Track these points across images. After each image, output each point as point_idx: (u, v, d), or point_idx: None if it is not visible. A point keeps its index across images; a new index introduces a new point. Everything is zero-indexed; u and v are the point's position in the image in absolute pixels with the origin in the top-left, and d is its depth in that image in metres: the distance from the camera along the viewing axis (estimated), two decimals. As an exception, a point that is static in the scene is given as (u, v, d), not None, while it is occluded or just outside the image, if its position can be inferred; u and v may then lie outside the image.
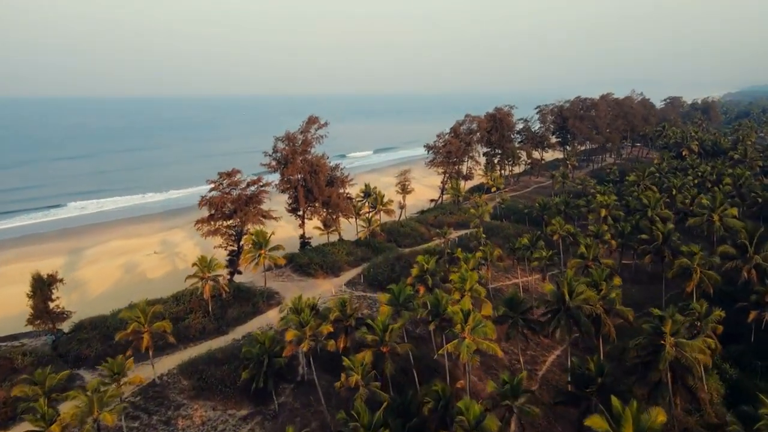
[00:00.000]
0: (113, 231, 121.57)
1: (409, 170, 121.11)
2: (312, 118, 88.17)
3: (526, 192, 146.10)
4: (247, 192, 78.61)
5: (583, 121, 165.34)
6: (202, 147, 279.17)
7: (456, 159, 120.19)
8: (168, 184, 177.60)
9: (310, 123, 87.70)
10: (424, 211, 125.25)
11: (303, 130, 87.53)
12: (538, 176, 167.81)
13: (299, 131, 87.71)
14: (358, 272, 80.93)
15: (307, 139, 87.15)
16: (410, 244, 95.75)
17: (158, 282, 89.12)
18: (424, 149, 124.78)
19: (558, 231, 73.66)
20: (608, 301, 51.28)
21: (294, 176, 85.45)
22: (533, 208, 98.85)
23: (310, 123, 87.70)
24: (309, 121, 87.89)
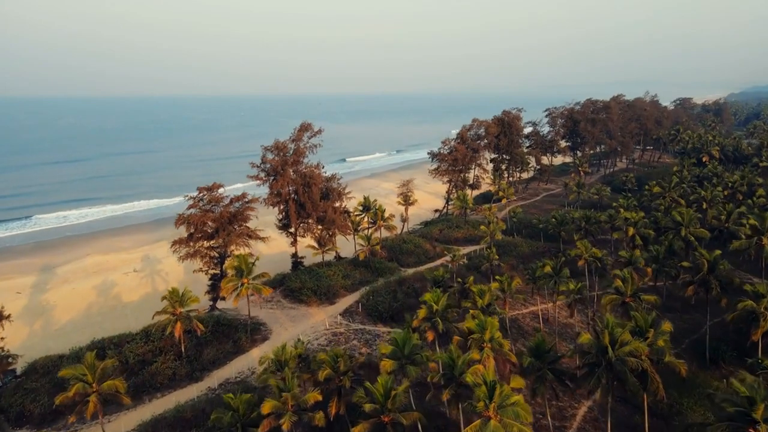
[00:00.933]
0: (92, 244, 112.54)
1: (412, 180, 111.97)
2: (305, 125, 79.22)
3: (536, 201, 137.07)
4: (231, 209, 69.73)
5: (595, 124, 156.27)
6: (197, 151, 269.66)
7: (462, 167, 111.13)
8: (159, 192, 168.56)
9: (303, 130, 78.74)
10: (428, 223, 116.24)
11: (295, 138, 78.56)
12: (547, 183, 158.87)
13: (290, 139, 78.75)
14: (355, 299, 71.98)
15: (299, 149, 78.18)
16: (414, 263, 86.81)
17: (134, 307, 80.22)
18: (428, 156, 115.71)
19: (584, 256, 64.58)
20: (656, 350, 42.31)
21: (284, 190, 76.47)
22: (549, 223, 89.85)
23: (303, 130, 78.74)
24: (301, 128, 78.93)
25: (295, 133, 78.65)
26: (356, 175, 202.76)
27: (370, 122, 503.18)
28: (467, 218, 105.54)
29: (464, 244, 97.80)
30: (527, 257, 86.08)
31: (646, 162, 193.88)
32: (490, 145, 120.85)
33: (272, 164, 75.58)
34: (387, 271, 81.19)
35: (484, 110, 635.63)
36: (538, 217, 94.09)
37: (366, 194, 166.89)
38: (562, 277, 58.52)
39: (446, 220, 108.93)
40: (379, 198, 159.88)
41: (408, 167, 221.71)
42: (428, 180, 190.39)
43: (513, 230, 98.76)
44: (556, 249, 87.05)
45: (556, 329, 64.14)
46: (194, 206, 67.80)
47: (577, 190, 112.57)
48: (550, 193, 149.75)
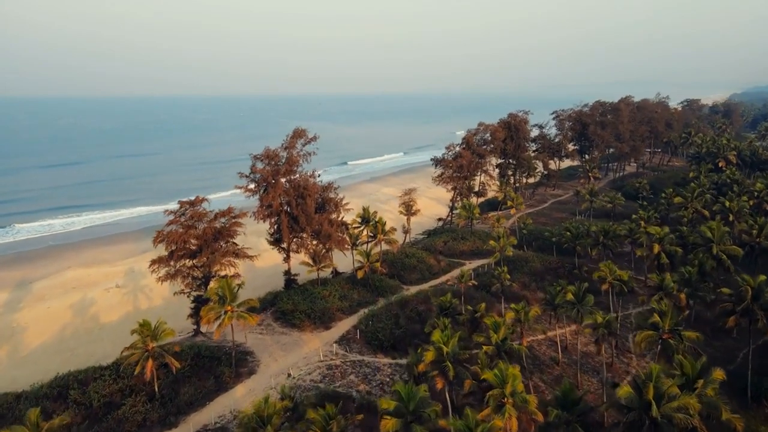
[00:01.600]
0: (74, 256, 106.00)
1: (414, 189, 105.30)
2: (298, 131, 72.60)
3: (544, 208, 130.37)
4: (216, 224, 63.16)
5: (605, 127, 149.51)
6: (194, 153, 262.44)
7: (468, 173, 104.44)
8: (151, 197, 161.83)
9: (296, 137, 72.12)
10: (431, 233, 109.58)
11: (287, 145, 71.92)
12: (555, 188, 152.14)
13: (282, 147, 72.10)
14: (353, 323, 65.37)
15: (292, 157, 71.54)
16: (417, 280, 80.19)
17: (112, 329, 73.65)
18: (431, 162, 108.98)
19: (608, 279, 57.89)
20: (708, 404, 35.73)
21: (276, 202, 69.82)
22: (562, 236, 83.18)
23: (296, 137, 72.12)
24: (294, 135, 72.30)
25: (288, 140, 72.04)
26: (355, 179, 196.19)
27: (371, 123, 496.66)
28: (473, 229, 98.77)
29: (471, 258, 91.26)
30: (539, 274, 79.45)
31: (655, 165, 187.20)
32: (496, 150, 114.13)
33: (262, 174, 68.95)
34: (388, 289, 74.63)
35: (484, 110, 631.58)
36: (551, 229, 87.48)
37: (366, 200, 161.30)
38: (586, 306, 51.86)
39: (451, 231, 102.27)
40: (379, 204, 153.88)
41: (409, 171, 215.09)
42: (430, 185, 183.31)
43: (523, 242, 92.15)
44: (571, 265, 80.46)
45: (577, 360, 57.53)
46: (175, 222, 61.21)
47: (590, 198, 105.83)
48: (558, 199, 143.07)
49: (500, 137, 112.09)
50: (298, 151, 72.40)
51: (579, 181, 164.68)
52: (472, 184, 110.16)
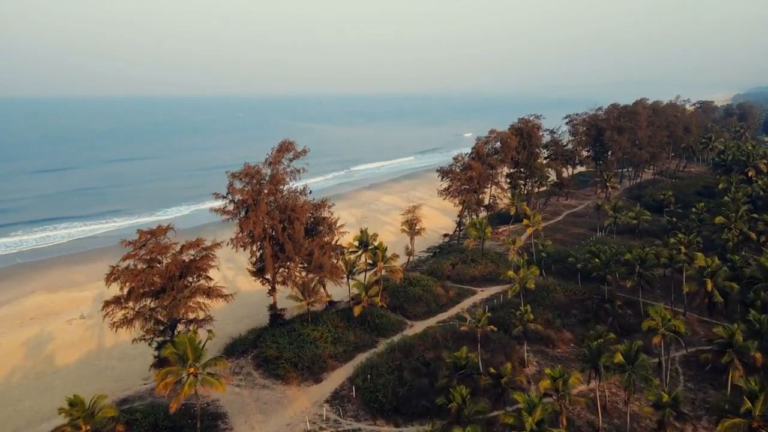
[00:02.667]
0: (41, 278, 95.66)
1: (419, 206, 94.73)
2: (284, 144, 62.23)
3: (559, 222, 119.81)
4: (184, 257, 52.83)
5: (622, 133, 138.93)
6: (188, 158, 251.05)
7: (478, 186, 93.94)
8: (136, 208, 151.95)
9: (282, 150, 61.78)
10: (436, 252, 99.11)
11: (272, 160, 61.57)
12: (567, 198, 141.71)
13: (266, 162, 61.74)
14: (348, 373, 55.00)
15: (277, 175, 61.18)
16: (423, 313, 69.72)
17: (67, 374, 63.36)
18: (437, 170, 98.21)
19: (660, 330, 47.26)
20: None
21: (258, 228, 59.44)
22: (589, 261, 72.76)
23: (282, 150, 61.78)
24: (280, 148, 61.94)
25: (272, 154, 61.62)
26: (355, 185, 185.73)
27: (371, 124, 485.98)
28: (484, 248, 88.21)
29: (483, 284, 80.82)
30: (564, 307, 68.94)
31: (671, 171, 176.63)
32: (507, 159, 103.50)
33: (242, 196, 58.56)
34: (389, 327, 64.30)
35: (485, 111, 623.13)
36: (575, 254, 76.80)
37: (365, 210, 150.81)
38: (639, 370, 41.33)
39: (459, 251, 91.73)
40: (379, 216, 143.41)
41: (411, 176, 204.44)
42: (434, 192, 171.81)
43: (541, 266, 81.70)
44: (599, 296, 70.00)
45: (624, 427, 46.97)
46: (132, 256, 50.80)
47: (614, 215, 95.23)
48: (572, 211, 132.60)
49: (513, 146, 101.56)
50: (285, 168, 62.01)
51: (593, 189, 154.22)
52: (482, 197, 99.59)
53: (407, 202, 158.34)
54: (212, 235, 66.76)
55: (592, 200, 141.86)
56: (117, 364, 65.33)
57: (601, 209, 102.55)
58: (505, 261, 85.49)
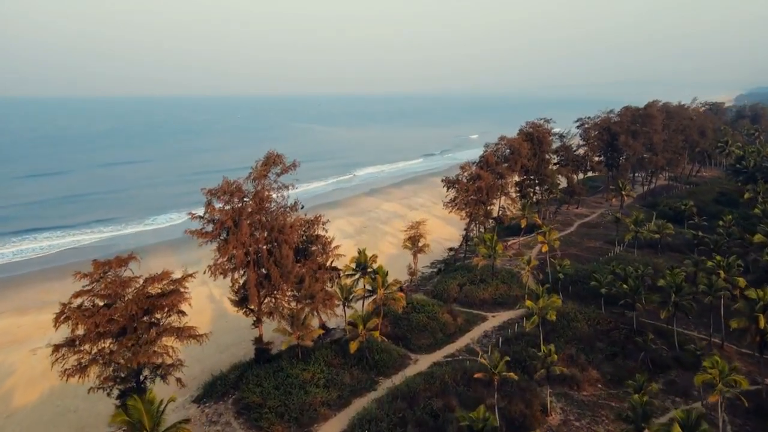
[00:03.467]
0: (14, 296, 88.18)
1: (423, 222, 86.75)
2: (271, 156, 54.45)
3: (571, 234, 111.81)
4: (150, 289, 45.08)
5: (637, 137, 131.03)
6: (182, 162, 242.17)
7: (487, 198, 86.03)
8: (122, 216, 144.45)
9: (268, 164, 54.02)
10: (441, 269, 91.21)
11: (255, 175, 53.75)
12: (578, 206, 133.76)
13: (249, 178, 53.91)
14: (342, 425, 47.22)
15: (262, 192, 53.39)
16: (428, 346, 61.93)
17: (25, 417, 55.89)
18: (443, 185, 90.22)
19: (717, 386, 39.27)
20: None
21: (239, 253, 51.69)
22: (613, 285, 65.01)
23: (268, 164, 54.02)
24: (266, 162, 54.17)
25: (257, 168, 53.78)
26: (354, 191, 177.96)
27: (371, 125, 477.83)
28: (496, 270, 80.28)
29: (493, 309, 72.98)
30: (588, 339, 61.12)
31: (684, 176, 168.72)
32: (518, 167, 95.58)
33: (220, 218, 50.78)
34: (390, 364, 56.56)
35: (487, 111, 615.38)
36: (598, 277, 68.70)
37: (364, 218, 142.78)
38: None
39: (466, 269, 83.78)
40: (380, 225, 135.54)
41: (412, 181, 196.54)
42: (437, 199, 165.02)
43: (558, 287, 73.88)
44: (628, 327, 62.24)
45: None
46: (86, 293, 43.09)
47: (636, 228, 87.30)
48: (584, 221, 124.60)
49: (525, 154, 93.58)
50: (270, 184, 54.22)
51: (604, 196, 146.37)
52: (490, 208, 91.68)
53: (409, 210, 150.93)
54: (201, 250, 58.96)
55: (605, 209, 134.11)
56: (81, 404, 57.63)
57: (620, 222, 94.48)
58: (518, 281, 77.80)
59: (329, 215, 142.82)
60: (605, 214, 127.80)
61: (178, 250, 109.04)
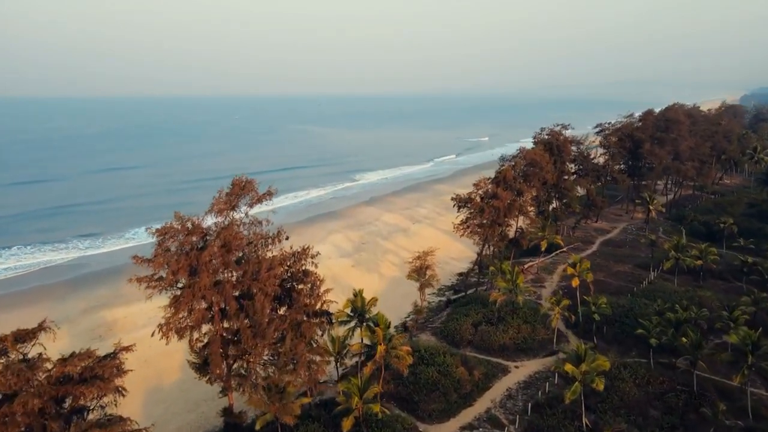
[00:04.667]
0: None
1: (433, 251, 74.91)
2: (239, 184, 42.54)
3: (595, 255, 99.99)
4: (69, 369, 33.31)
5: (664, 144, 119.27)
6: (177, 167, 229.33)
7: (504, 220, 74.14)
8: (109, 229, 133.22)
9: (236, 193, 42.15)
10: (450, 300, 79.38)
11: (219, 207, 41.86)
12: (597, 221, 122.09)
13: (213, 210, 42.05)
14: None
15: (229, 230, 41.57)
16: (439, 412, 50.29)
17: None
18: (453, 203, 77.92)
19: None
20: None
21: (198, 308, 39.96)
22: (664, 332, 53.32)
23: (236, 193, 42.15)
24: (232, 191, 42.29)
25: (221, 197, 41.91)
26: (352, 200, 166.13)
27: (372, 127, 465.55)
28: (517, 305, 68.45)
29: (515, 356, 61.25)
30: (639, 405, 49.39)
31: (707, 185, 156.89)
32: (538, 183, 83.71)
33: (170, 267, 38.99)
34: (393, 443, 44.82)
35: (490, 111, 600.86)
36: (645, 324, 56.64)
37: (362, 232, 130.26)
38: None
39: (481, 302, 71.86)
40: (380, 241, 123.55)
41: (415, 188, 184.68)
42: (441, 209, 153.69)
43: (591, 330, 62.18)
44: (685, 387, 50.50)
45: None
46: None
47: (677, 255, 75.48)
48: (606, 237, 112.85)
49: (548, 168, 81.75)
50: (242, 218, 42.46)
51: (623, 207, 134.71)
52: (506, 230, 79.81)
53: (411, 222, 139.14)
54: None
55: (627, 223, 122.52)
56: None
57: (656, 247, 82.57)
58: (542, 320, 66.11)
59: (326, 228, 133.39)
60: (630, 231, 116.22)
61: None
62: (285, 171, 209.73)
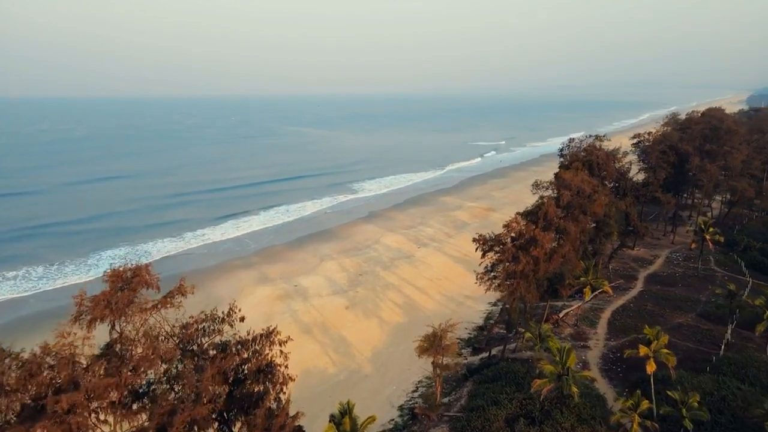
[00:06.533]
0: None
1: (451, 327, 56.02)
2: (117, 275, 24.13)
3: (640, 296, 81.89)
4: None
5: (714, 159, 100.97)
6: (162, 178, 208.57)
7: (543, 271, 55.73)
8: (70, 251, 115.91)
9: (111, 296, 23.74)
10: (468, 371, 61.09)
11: (93, 316, 23.48)
12: (636, 247, 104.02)
13: (76, 320, 23.64)
14: None
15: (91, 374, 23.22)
16: None
17: None
18: (476, 247, 58.90)
19: None
20: None
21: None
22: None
23: (111, 296, 23.74)
24: (110, 289, 23.93)
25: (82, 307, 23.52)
26: (349, 215, 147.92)
27: (370, 129, 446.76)
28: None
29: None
30: None
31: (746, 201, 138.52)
32: (582, 216, 65.18)
33: None
34: None
35: (490, 112, 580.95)
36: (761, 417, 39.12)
37: (360, 259, 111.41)
38: None
39: (513, 380, 53.76)
40: (381, 272, 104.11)
41: (418, 201, 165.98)
42: (449, 228, 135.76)
43: (662, 419, 44.09)
44: None
45: None
46: None
47: (756, 310, 57.23)
48: (649, 270, 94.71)
49: (599, 198, 63.16)
50: (136, 329, 24.15)
51: (658, 227, 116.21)
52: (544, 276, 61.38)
53: (416, 246, 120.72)
54: None
55: (670, 250, 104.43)
56: None
57: (736, 299, 64.14)
58: (602, 409, 48.04)
59: (318, 252, 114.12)
60: (675, 261, 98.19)
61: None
62: (278, 182, 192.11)
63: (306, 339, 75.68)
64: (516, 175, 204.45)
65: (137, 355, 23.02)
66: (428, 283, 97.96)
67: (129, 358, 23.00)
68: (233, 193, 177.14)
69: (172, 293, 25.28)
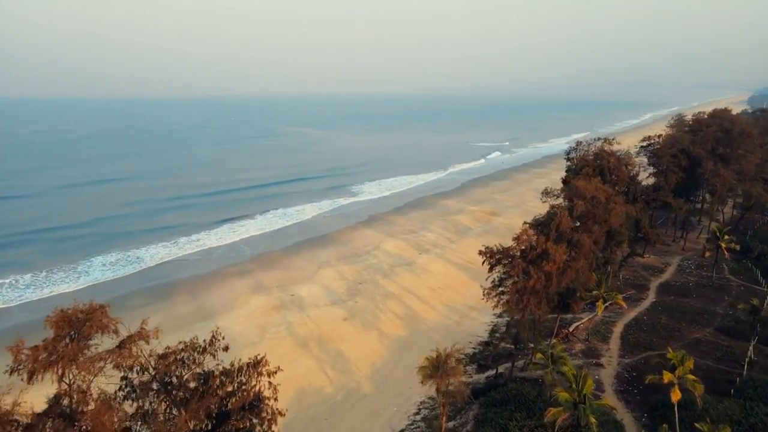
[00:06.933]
0: None
1: (452, 354, 51.91)
2: (65, 320, 20.29)
3: (653, 308, 78.09)
4: None
5: (728, 163, 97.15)
6: (159, 180, 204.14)
7: (555, 287, 51.82)
8: (58, 262, 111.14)
9: (61, 338, 19.93)
10: (473, 393, 57.07)
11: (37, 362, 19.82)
12: (645, 255, 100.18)
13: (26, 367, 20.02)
14: None
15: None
16: None
17: None
18: (482, 260, 55.02)
19: None
20: None
21: None
22: None
23: (61, 338, 19.93)
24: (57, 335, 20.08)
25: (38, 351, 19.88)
26: (348, 219, 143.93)
27: (370, 130, 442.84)
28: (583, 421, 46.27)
29: None
30: None
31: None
32: (596, 226, 61.22)
33: None
34: None
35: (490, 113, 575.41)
36: None
37: (359, 266, 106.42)
38: None
39: (523, 404, 49.90)
40: (381, 280, 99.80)
41: (419, 204, 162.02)
42: (451, 232, 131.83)
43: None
44: None
45: None
46: None
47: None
48: (661, 279, 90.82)
49: (615, 207, 59.18)
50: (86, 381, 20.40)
51: (666, 232, 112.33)
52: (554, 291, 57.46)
53: (418, 252, 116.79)
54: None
55: (681, 257, 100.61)
56: None
57: (759, 314, 60.34)
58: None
59: (315, 259, 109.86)
60: (688, 269, 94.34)
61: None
62: (277, 185, 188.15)
63: (301, 354, 71.84)
64: (518, 177, 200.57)
65: (89, 413, 19.28)
66: (430, 292, 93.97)
67: (80, 415, 19.30)
68: (231, 196, 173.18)
69: (133, 338, 21.53)
